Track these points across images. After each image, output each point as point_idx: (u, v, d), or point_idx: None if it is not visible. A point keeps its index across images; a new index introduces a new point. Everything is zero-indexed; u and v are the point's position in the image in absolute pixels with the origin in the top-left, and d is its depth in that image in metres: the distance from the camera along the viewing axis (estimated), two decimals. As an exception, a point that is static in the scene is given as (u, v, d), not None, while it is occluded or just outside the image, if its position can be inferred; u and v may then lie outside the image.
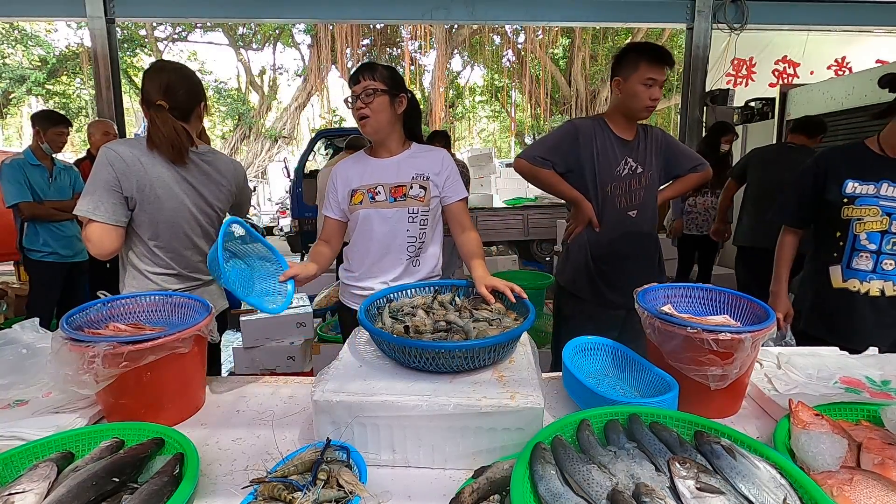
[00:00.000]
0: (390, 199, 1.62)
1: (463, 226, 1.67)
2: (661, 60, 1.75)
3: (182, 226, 1.52)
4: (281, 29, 17.53)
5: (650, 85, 1.76)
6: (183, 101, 1.49)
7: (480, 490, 0.78)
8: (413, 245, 1.66)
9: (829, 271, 1.65)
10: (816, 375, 1.22)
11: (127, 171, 1.39)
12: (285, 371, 3.11)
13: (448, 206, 1.68)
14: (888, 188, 1.55)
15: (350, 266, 1.73)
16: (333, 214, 1.69)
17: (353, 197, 1.64)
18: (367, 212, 1.62)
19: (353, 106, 1.57)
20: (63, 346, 1.00)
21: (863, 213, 1.57)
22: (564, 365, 1.15)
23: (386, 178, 1.64)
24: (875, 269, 1.58)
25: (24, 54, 15.94)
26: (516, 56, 17.13)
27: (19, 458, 0.86)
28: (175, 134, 1.44)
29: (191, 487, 0.78)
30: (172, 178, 1.48)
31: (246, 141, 19.36)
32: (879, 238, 1.56)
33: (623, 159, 1.88)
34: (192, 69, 1.58)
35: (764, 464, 0.73)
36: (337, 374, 1.04)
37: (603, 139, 1.87)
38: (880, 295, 1.59)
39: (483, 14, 4.57)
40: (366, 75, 1.55)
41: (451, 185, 1.67)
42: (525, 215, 7.59)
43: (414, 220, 1.63)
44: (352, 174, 1.67)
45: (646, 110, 1.80)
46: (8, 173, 2.96)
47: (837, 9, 4.83)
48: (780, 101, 3.89)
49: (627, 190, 1.89)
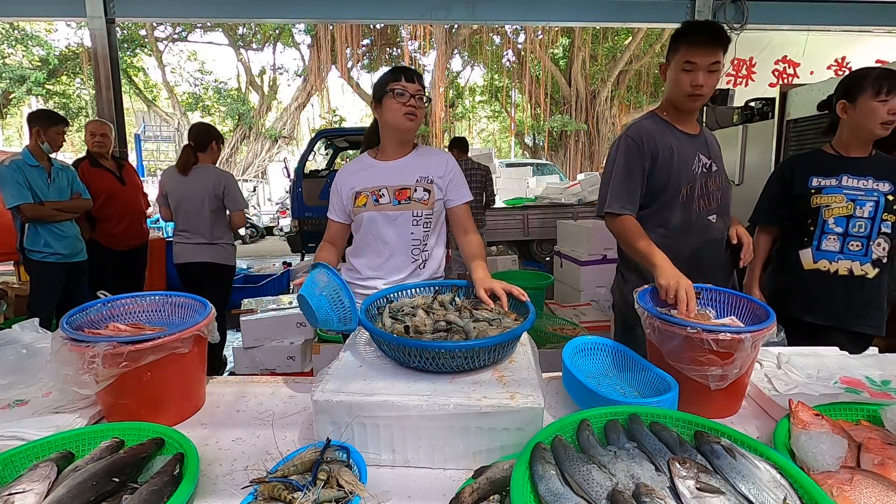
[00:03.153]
0: (394, 201, 1.62)
1: (465, 229, 1.67)
2: (701, 41, 1.51)
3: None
4: (281, 29, 17.53)
5: (690, 70, 1.53)
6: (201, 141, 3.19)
7: (480, 490, 0.78)
8: (417, 247, 1.66)
9: (800, 255, 1.82)
10: (816, 375, 1.22)
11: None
12: (285, 371, 3.12)
13: (451, 209, 1.68)
14: (848, 179, 1.75)
15: (355, 267, 1.72)
16: (337, 217, 1.69)
17: (357, 199, 1.64)
18: (371, 214, 1.62)
19: (404, 101, 1.55)
20: (63, 346, 1.00)
21: (830, 201, 1.76)
22: (564, 365, 1.15)
23: (390, 181, 1.63)
24: (842, 250, 1.75)
25: (24, 54, 15.95)
26: (516, 56, 17.14)
27: (19, 458, 0.86)
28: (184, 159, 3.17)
29: (191, 487, 0.78)
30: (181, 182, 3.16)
31: (246, 141, 19.36)
32: (845, 222, 1.74)
33: (695, 156, 1.64)
34: (210, 125, 3.17)
35: (764, 464, 0.73)
36: (337, 374, 1.04)
37: (670, 134, 1.64)
38: (849, 275, 1.75)
39: (483, 14, 4.57)
40: (416, 79, 1.57)
41: (456, 187, 1.67)
42: (525, 215, 7.59)
43: (418, 222, 1.64)
44: (355, 177, 1.67)
45: (689, 99, 1.57)
46: (7, 175, 2.95)
47: (837, 9, 4.83)
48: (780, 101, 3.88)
49: (704, 191, 1.65)
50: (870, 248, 1.72)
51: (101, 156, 3.57)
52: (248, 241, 12.21)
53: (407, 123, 1.56)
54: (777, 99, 3.92)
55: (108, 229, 3.55)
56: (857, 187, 1.73)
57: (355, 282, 1.71)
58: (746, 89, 5.29)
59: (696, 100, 1.58)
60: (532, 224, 7.57)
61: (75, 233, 3.23)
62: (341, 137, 8.46)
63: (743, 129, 4.40)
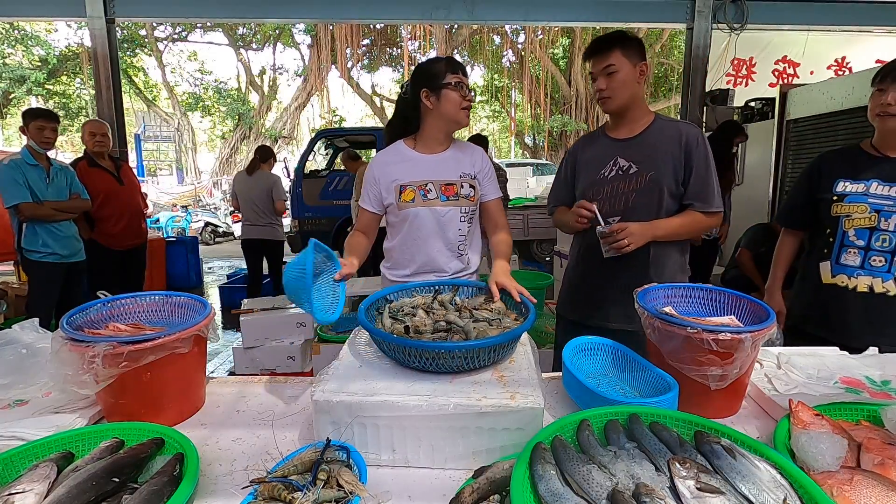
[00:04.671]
0: (442, 197, 1.63)
1: (497, 224, 1.70)
2: (591, 51, 1.65)
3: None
4: (281, 29, 17.54)
5: (594, 79, 1.65)
6: (263, 155, 4.88)
7: (480, 490, 0.78)
8: (464, 242, 1.70)
9: (819, 267, 1.69)
10: (817, 375, 1.22)
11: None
12: (285, 371, 3.12)
13: (485, 204, 1.71)
14: (878, 187, 1.58)
15: (398, 263, 1.72)
16: (371, 207, 1.68)
17: (403, 193, 1.63)
18: (420, 210, 1.63)
19: (464, 95, 1.59)
20: (63, 346, 1.00)
21: (851, 210, 1.60)
22: (564, 365, 1.15)
23: (435, 175, 1.65)
24: (863, 265, 1.60)
25: (24, 54, 15.95)
26: (516, 56, 17.15)
27: (19, 458, 0.86)
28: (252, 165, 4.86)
29: (191, 487, 0.78)
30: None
31: (246, 141, 19.37)
32: (868, 234, 1.59)
33: (612, 159, 1.68)
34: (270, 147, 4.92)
35: (764, 464, 0.73)
36: (337, 374, 1.04)
37: (593, 145, 1.76)
38: (869, 292, 1.60)
39: (483, 14, 4.57)
40: (465, 72, 1.62)
41: (489, 182, 1.72)
42: (525, 215, 7.59)
43: (464, 218, 1.67)
44: (396, 168, 1.65)
45: (600, 103, 1.68)
46: (6, 174, 2.95)
47: (837, 9, 4.83)
48: (780, 101, 3.89)
49: (612, 193, 1.67)
50: (894, 265, 1.57)
51: (100, 156, 3.57)
52: (248, 241, 12.20)
53: (465, 118, 1.61)
54: (777, 99, 3.92)
55: (107, 229, 3.55)
56: (886, 196, 1.56)
57: (401, 279, 1.69)
58: (746, 89, 5.29)
59: (604, 102, 1.66)
60: (532, 224, 7.57)
61: (73, 233, 3.23)
62: (341, 137, 8.46)
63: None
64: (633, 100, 1.65)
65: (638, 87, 1.66)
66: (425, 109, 1.63)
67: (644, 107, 1.71)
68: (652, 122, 1.68)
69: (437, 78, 1.58)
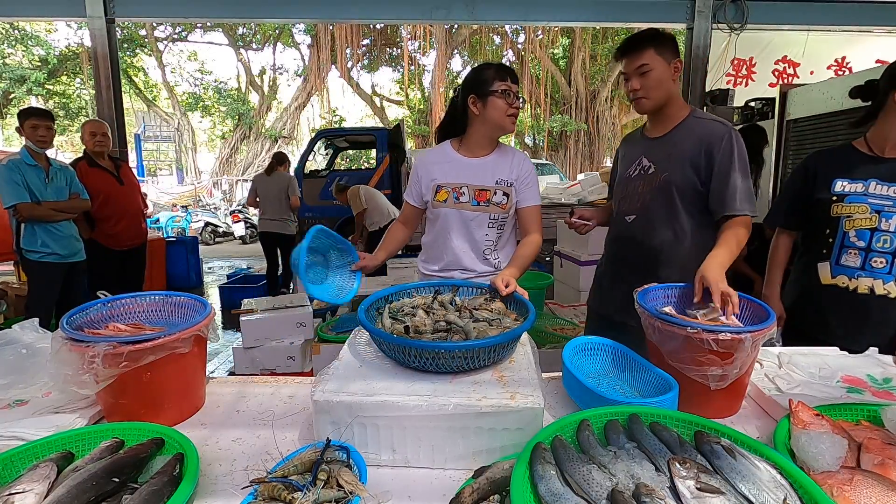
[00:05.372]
0: (473, 202, 1.68)
1: (528, 230, 1.71)
2: (623, 51, 1.62)
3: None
4: (281, 29, 17.54)
5: (626, 79, 1.63)
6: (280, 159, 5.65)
7: (480, 490, 0.78)
8: (490, 248, 1.74)
9: (818, 268, 1.67)
10: (818, 374, 1.22)
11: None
12: (285, 371, 3.11)
13: (521, 209, 1.73)
14: (876, 186, 1.56)
15: (430, 258, 1.81)
16: (413, 201, 1.78)
17: (438, 193, 1.70)
18: (450, 211, 1.70)
19: (510, 102, 1.62)
20: (63, 346, 1.00)
21: (852, 211, 1.58)
22: (564, 365, 1.15)
23: (471, 179, 1.69)
24: (864, 266, 1.58)
25: (24, 54, 15.95)
26: (516, 56, 17.14)
27: (19, 458, 0.86)
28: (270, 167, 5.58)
29: (191, 487, 0.78)
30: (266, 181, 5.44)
31: (246, 141, 19.37)
32: (869, 235, 1.56)
33: (638, 159, 1.68)
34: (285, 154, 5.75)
35: (764, 464, 0.73)
36: (337, 374, 1.04)
37: (631, 143, 1.79)
38: (869, 293, 1.58)
39: (483, 14, 4.56)
40: (514, 79, 1.65)
41: (528, 188, 1.72)
42: (525, 215, 7.56)
43: (493, 224, 1.71)
44: (437, 168, 1.72)
45: (633, 105, 1.65)
46: (5, 174, 2.94)
47: (837, 9, 4.83)
48: (780, 101, 3.88)
49: (632, 192, 1.69)
50: (895, 266, 1.55)
51: (100, 156, 3.57)
52: (248, 241, 12.19)
53: (511, 125, 1.65)
54: (777, 99, 3.91)
55: (107, 229, 3.55)
56: (886, 196, 1.54)
57: (432, 274, 1.78)
58: (746, 89, 5.28)
59: (638, 103, 1.62)
60: (532, 224, 7.55)
61: (73, 232, 3.23)
62: (341, 137, 8.46)
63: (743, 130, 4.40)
64: (668, 98, 1.61)
65: (673, 85, 1.60)
66: (472, 114, 1.67)
67: (679, 104, 1.64)
68: (683, 120, 1.62)
69: (484, 84, 1.61)
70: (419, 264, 1.87)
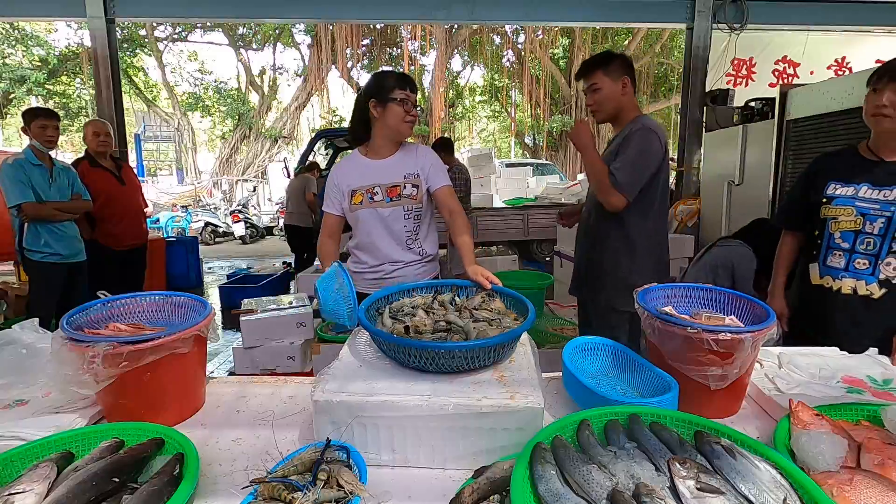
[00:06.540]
0: (387, 199, 1.79)
1: (451, 209, 1.80)
2: (577, 75, 1.98)
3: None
4: (281, 29, 17.53)
5: (586, 93, 1.94)
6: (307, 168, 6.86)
7: (480, 490, 0.78)
8: (411, 237, 1.84)
9: (809, 268, 1.73)
10: (819, 375, 1.22)
11: None
12: (285, 371, 3.11)
13: (435, 192, 1.82)
14: (867, 190, 1.60)
15: (360, 259, 1.89)
16: (334, 210, 1.85)
17: (354, 197, 1.79)
18: (366, 211, 1.80)
19: (408, 110, 1.74)
20: (63, 346, 1.00)
21: (837, 213, 1.63)
22: (564, 365, 1.15)
23: (382, 179, 1.79)
24: (847, 268, 1.62)
25: (24, 54, 15.94)
26: (516, 56, 17.14)
27: (19, 458, 0.86)
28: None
29: (191, 487, 0.78)
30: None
31: (246, 141, 19.35)
32: (853, 237, 1.60)
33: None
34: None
35: (764, 464, 0.73)
36: (337, 374, 1.04)
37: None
38: (852, 293, 1.62)
39: (483, 14, 4.56)
40: (415, 90, 1.76)
41: (435, 173, 1.83)
42: (525, 215, 7.59)
43: (409, 216, 1.81)
44: (350, 175, 1.83)
45: (590, 114, 1.98)
46: (10, 173, 2.95)
47: (837, 9, 4.83)
48: (780, 101, 3.88)
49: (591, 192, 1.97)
50: (878, 268, 1.57)
51: (102, 156, 3.57)
52: (248, 241, 12.21)
53: (408, 130, 1.78)
54: (777, 99, 3.91)
55: (108, 229, 3.55)
56: (873, 199, 1.57)
57: (363, 272, 1.86)
58: (746, 89, 5.28)
59: (593, 115, 1.97)
60: (532, 224, 7.57)
61: (75, 233, 3.23)
62: (341, 137, 8.44)
63: (743, 129, 4.39)
64: (618, 111, 1.92)
65: (623, 99, 1.89)
66: (372, 118, 1.78)
67: (629, 113, 1.91)
68: (624, 126, 1.89)
69: (385, 91, 1.72)
70: (350, 265, 1.92)
